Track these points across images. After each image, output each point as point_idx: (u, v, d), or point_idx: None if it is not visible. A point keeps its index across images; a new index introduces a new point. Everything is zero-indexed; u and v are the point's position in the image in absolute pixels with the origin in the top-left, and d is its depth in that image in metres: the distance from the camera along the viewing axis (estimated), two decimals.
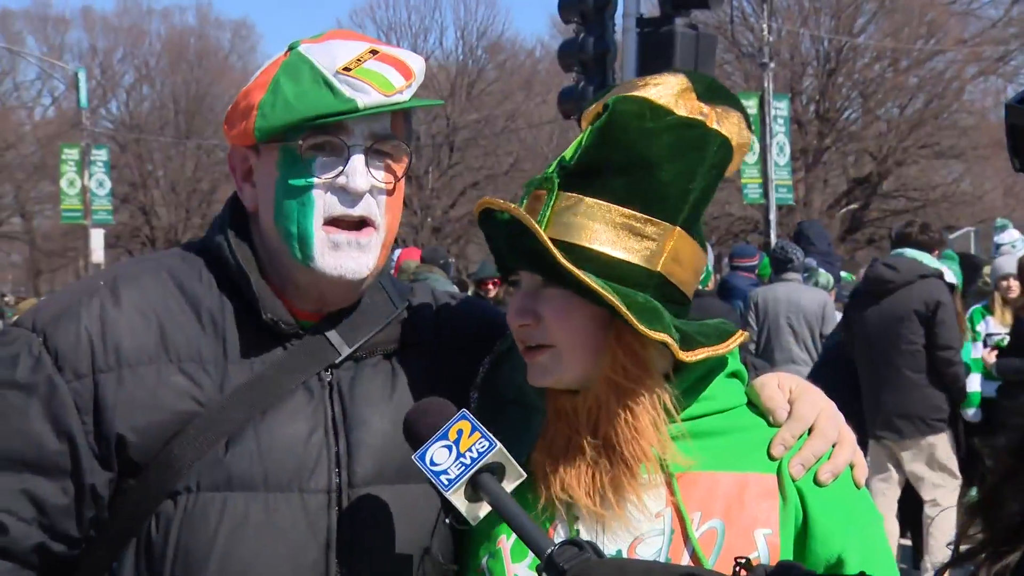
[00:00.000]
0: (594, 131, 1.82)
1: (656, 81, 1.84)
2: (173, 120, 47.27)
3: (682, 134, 1.79)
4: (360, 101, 1.84)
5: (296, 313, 1.97)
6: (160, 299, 1.93)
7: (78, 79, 37.91)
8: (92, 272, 36.34)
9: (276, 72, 1.91)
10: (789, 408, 1.89)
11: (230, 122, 1.97)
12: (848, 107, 39.67)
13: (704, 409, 1.86)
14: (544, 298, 1.80)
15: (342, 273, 1.89)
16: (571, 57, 13.37)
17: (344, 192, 1.89)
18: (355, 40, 1.95)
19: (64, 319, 1.88)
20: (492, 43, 46.42)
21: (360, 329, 1.99)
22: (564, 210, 1.79)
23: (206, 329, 1.92)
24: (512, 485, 1.72)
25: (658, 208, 1.78)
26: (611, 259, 1.77)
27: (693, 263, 1.84)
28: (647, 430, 1.79)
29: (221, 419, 1.87)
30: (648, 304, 1.76)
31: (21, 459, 1.84)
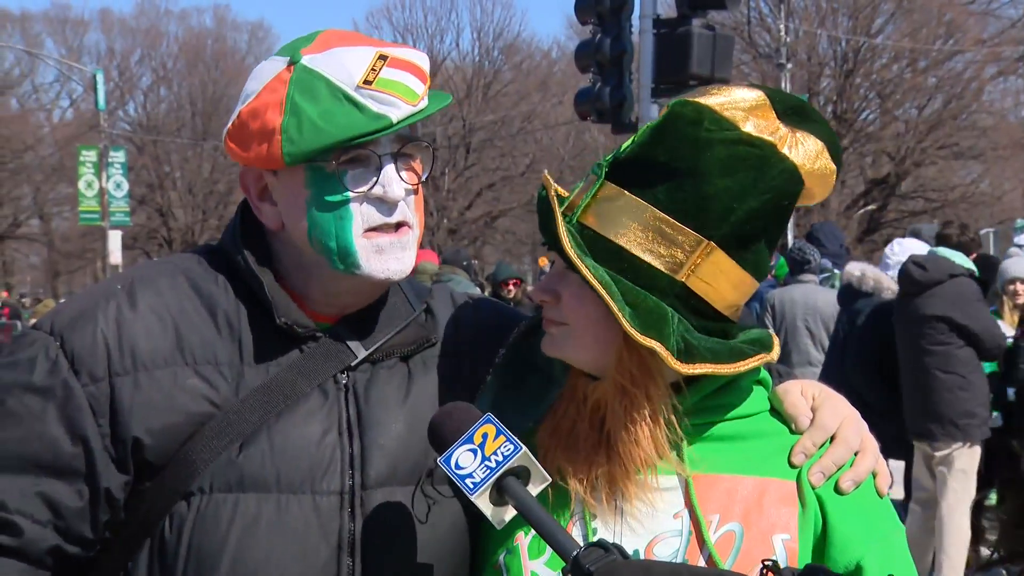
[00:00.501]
0: (649, 129, 1.82)
1: (730, 92, 1.82)
2: (190, 122, 47.53)
3: (738, 151, 1.77)
4: (393, 116, 1.84)
5: (313, 315, 1.96)
6: (176, 302, 1.93)
7: (96, 81, 38.12)
8: (110, 273, 36.63)
9: (288, 91, 1.87)
10: (811, 415, 1.88)
11: (240, 142, 1.92)
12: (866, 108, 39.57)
13: (726, 413, 1.86)
14: (567, 280, 1.82)
15: (389, 275, 1.90)
16: (588, 58, 13.36)
17: (381, 202, 1.89)
18: (356, 44, 1.92)
19: (81, 322, 1.89)
20: (508, 44, 46.50)
21: (377, 331, 1.99)
22: (605, 199, 1.79)
23: (222, 332, 1.92)
24: (538, 489, 1.71)
25: (694, 219, 1.76)
26: (635, 259, 1.77)
27: (732, 283, 1.81)
28: (644, 440, 1.79)
29: (236, 421, 1.87)
30: (657, 310, 1.75)
31: (37, 462, 1.84)
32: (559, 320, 1.83)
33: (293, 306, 1.94)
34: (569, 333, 1.82)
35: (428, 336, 2.04)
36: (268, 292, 1.92)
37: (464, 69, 45.86)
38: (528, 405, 1.89)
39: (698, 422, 1.84)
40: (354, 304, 1.99)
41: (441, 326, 2.08)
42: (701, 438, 1.84)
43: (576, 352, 1.83)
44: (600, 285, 1.72)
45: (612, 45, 12.98)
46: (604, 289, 1.72)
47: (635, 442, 1.79)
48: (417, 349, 2.02)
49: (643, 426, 1.79)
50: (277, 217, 1.95)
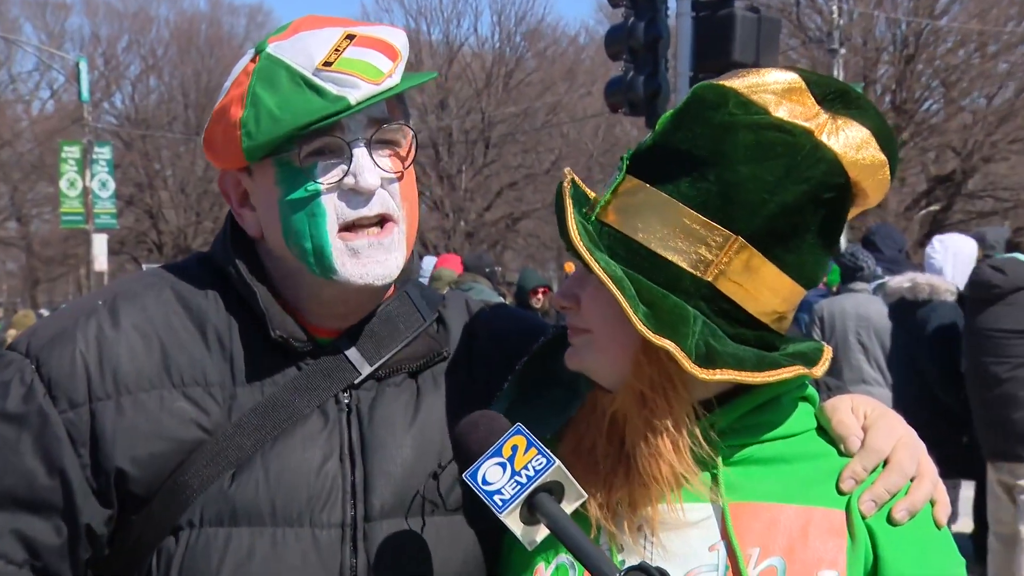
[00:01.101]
0: (670, 116, 1.83)
1: (760, 74, 1.82)
2: (182, 114, 47.70)
3: (766, 136, 1.77)
4: (351, 97, 1.84)
5: (312, 330, 1.97)
6: (162, 318, 1.94)
7: (79, 70, 38.35)
8: (94, 281, 36.82)
9: (250, 82, 1.89)
10: (862, 436, 1.87)
11: (211, 146, 1.97)
12: (928, 97, 39.36)
13: (766, 433, 1.85)
14: (587, 283, 1.83)
15: (369, 280, 1.90)
16: (619, 44, 13.37)
17: (354, 193, 1.89)
18: (327, 27, 1.93)
19: (58, 343, 1.90)
20: (532, 29, 46.52)
21: (383, 344, 2.00)
22: (626, 194, 1.81)
23: (212, 349, 1.93)
24: (572, 506, 1.71)
25: (720, 212, 1.77)
26: (656, 256, 1.78)
27: (768, 285, 1.80)
28: (667, 452, 1.79)
29: (228, 447, 1.88)
30: (677, 310, 1.76)
31: (11, 497, 1.86)
32: (581, 327, 1.85)
33: (289, 319, 1.95)
34: (592, 341, 1.84)
35: (439, 349, 2.04)
36: (262, 304, 1.93)
37: (483, 56, 45.91)
38: (546, 415, 1.90)
39: (735, 444, 1.83)
40: (352, 315, 1.99)
41: (454, 338, 2.09)
42: (738, 462, 1.83)
43: (601, 363, 1.84)
44: (609, 279, 1.73)
45: (646, 29, 12.99)
46: (615, 284, 1.73)
47: (655, 455, 1.79)
48: (427, 364, 2.03)
49: (664, 437, 1.79)
50: (257, 223, 1.97)
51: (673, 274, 1.77)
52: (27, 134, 49.08)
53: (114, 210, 38.36)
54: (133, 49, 50.11)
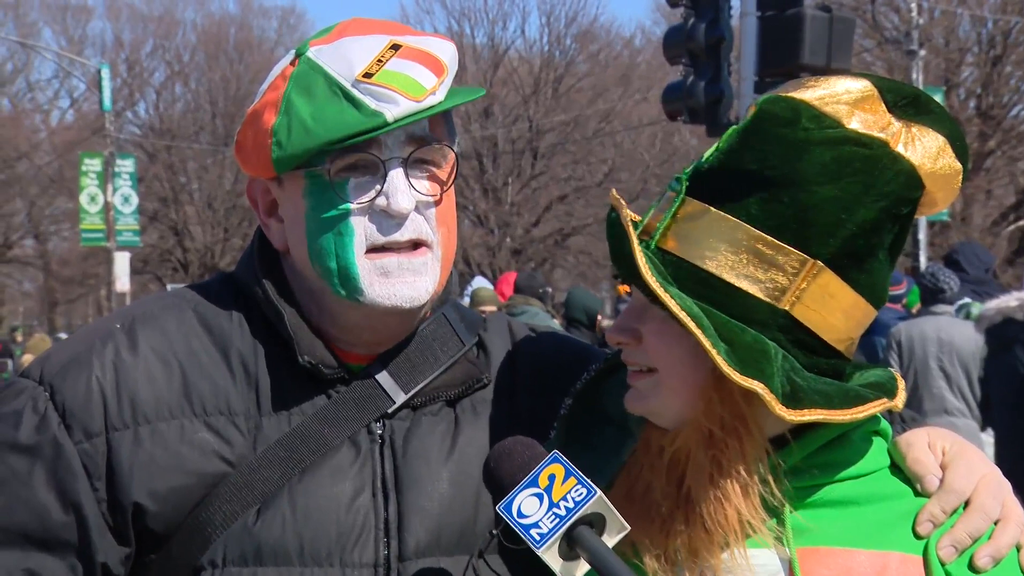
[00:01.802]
0: (735, 133, 1.82)
1: (830, 83, 1.81)
2: (210, 124, 48.14)
3: (844, 152, 1.76)
4: (388, 113, 1.85)
5: (342, 355, 1.98)
6: (183, 342, 1.96)
7: (101, 77, 38.84)
8: (115, 302, 37.18)
9: (286, 88, 1.91)
10: (941, 475, 1.85)
11: (242, 150, 1.99)
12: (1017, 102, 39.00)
13: (836, 473, 1.83)
14: (648, 316, 1.82)
15: (397, 303, 1.90)
16: (678, 47, 13.37)
17: (386, 216, 1.90)
18: (372, 33, 1.95)
19: (73, 369, 1.92)
20: (583, 31, 46.61)
21: (418, 370, 2.01)
22: (687, 219, 1.80)
23: (236, 376, 1.95)
24: (614, 539, 1.71)
25: (796, 235, 1.76)
26: (728, 286, 1.77)
27: (844, 310, 1.80)
28: (735, 496, 1.78)
29: (254, 481, 1.89)
30: (756, 345, 1.75)
31: (23, 533, 1.87)
32: (643, 364, 1.83)
33: (319, 343, 1.96)
34: (659, 382, 1.82)
35: (479, 375, 2.05)
36: (289, 327, 1.94)
37: (531, 60, 46.05)
38: (598, 461, 1.89)
39: (802, 485, 1.82)
40: (381, 342, 2.00)
41: (495, 364, 2.10)
42: (806, 504, 1.82)
43: (668, 405, 1.83)
44: (689, 318, 1.72)
45: (708, 31, 12.98)
46: (694, 322, 1.72)
47: (722, 500, 1.78)
48: (466, 391, 2.04)
49: (733, 481, 1.77)
50: (283, 236, 1.99)
51: (748, 305, 1.77)
52: (45, 146, 49.65)
53: (137, 226, 38.78)
54: (158, 55, 50.65)
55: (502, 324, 2.18)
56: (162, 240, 48.57)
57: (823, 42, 12.07)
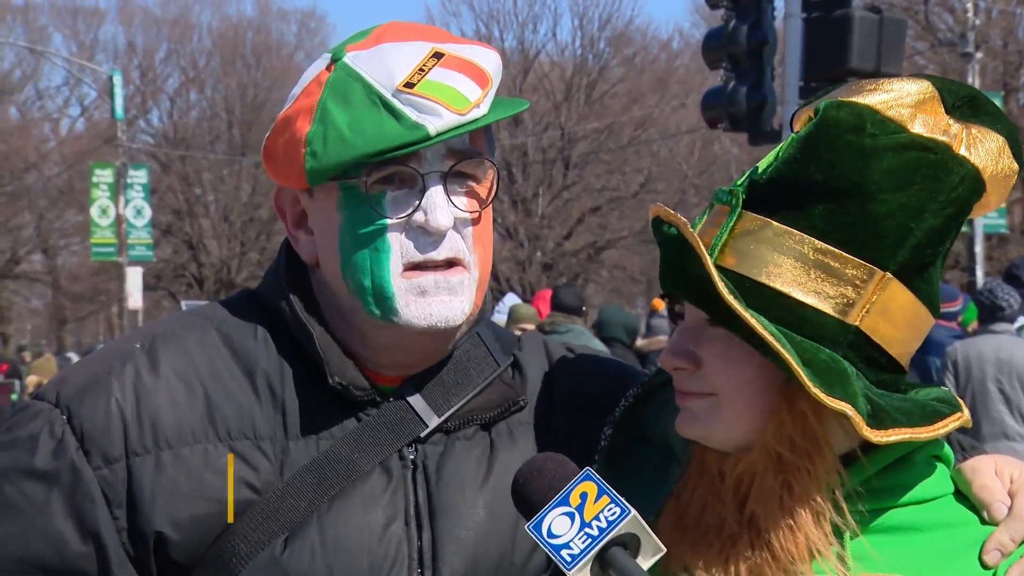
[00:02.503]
0: (796, 141, 1.83)
1: (890, 86, 1.82)
2: (226, 133, 48.41)
3: (910, 158, 1.78)
4: (431, 126, 1.85)
5: (372, 376, 1.99)
6: (207, 363, 1.96)
7: (112, 84, 39.13)
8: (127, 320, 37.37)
9: (322, 94, 1.92)
10: (1009, 502, 1.84)
11: (272, 157, 1.99)
12: None
13: (899, 499, 1.84)
14: (707, 339, 1.82)
15: (432, 323, 1.91)
16: (719, 50, 13.37)
17: (423, 232, 1.90)
18: (412, 40, 1.95)
19: (92, 391, 1.92)
20: (618, 33, 46.68)
21: (452, 393, 2.01)
22: (746, 234, 1.80)
23: (262, 398, 1.95)
24: (649, 562, 1.70)
25: (864, 247, 1.77)
26: (795, 304, 1.77)
27: (909, 322, 1.82)
28: (806, 522, 1.78)
29: (281, 509, 1.89)
30: (833, 365, 1.75)
31: (40, 564, 1.88)
32: (703, 390, 1.83)
33: (349, 363, 1.96)
34: (718, 404, 1.82)
35: (515, 397, 2.05)
36: (318, 346, 1.95)
37: (562, 65, 46.14)
38: (646, 490, 1.88)
39: (860, 509, 1.81)
40: (414, 363, 2.00)
41: (532, 385, 2.10)
42: (866, 529, 1.81)
43: (727, 428, 1.83)
44: (773, 338, 1.72)
45: (750, 33, 12.97)
46: (780, 343, 1.72)
47: (793, 526, 1.78)
48: (502, 414, 2.04)
49: (805, 508, 1.78)
50: (313, 249, 1.99)
51: (818, 322, 1.77)
52: (54, 156, 49.97)
53: (150, 240, 39.02)
54: (172, 60, 50.95)
55: (538, 343, 2.19)
56: (176, 255, 48.78)
57: (872, 45, 12.03)
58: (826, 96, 1.88)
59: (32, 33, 50.87)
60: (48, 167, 49.05)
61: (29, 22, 51.69)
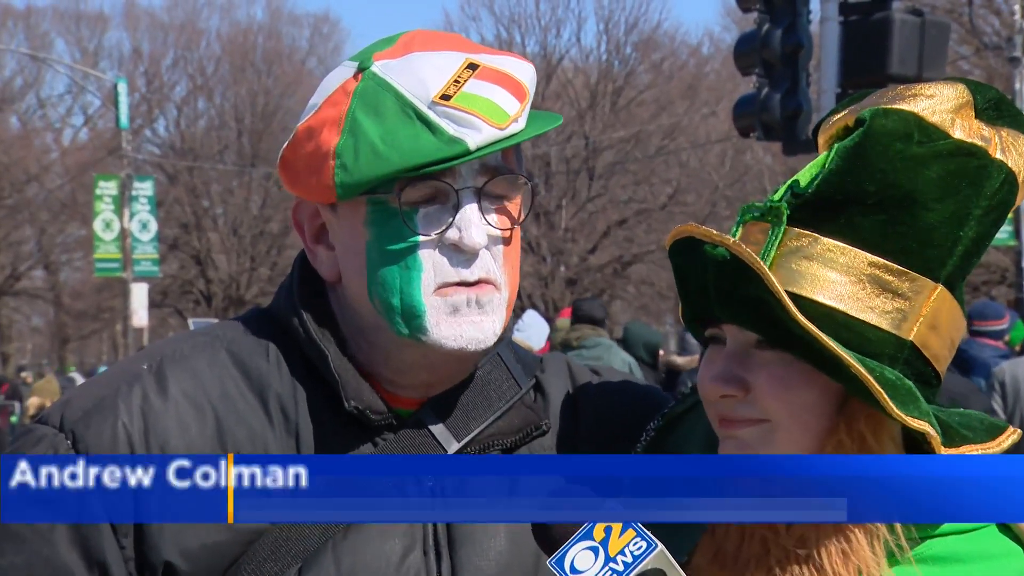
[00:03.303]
0: (843, 152, 1.83)
1: (928, 91, 1.85)
2: (235, 143, 48.46)
3: (956, 164, 1.80)
4: (471, 141, 1.86)
5: (389, 398, 1.99)
6: (217, 385, 1.97)
7: (117, 92, 39.22)
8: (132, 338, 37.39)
9: (350, 104, 1.92)
10: None
11: (291, 169, 1.98)
12: None
13: (940, 527, 1.83)
14: (756, 363, 1.82)
15: (463, 344, 1.91)
16: (751, 56, 13.35)
17: (456, 251, 1.91)
18: (444, 49, 1.96)
19: (98, 415, 1.93)
20: (645, 38, 46.68)
21: (472, 416, 2.02)
22: (793, 252, 1.82)
23: (274, 421, 1.96)
24: None
25: (917, 258, 1.80)
26: (852, 321, 1.79)
27: (951, 333, 1.85)
28: (861, 547, 1.79)
29: (294, 537, 1.90)
30: (900, 383, 1.77)
31: None
32: (754, 417, 1.83)
33: (365, 386, 1.97)
34: (771, 431, 1.83)
35: (537, 421, 2.06)
36: (333, 368, 1.95)
37: (587, 71, 46.16)
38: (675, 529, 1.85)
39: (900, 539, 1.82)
40: (436, 383, 2.01)
41: (555, 408, 2.10)
42: (906, 559, 1.81)
43: (781, 453, 1.83)
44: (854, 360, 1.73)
45: (784, 38, 12.95)
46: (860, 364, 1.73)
47: (848, 552, 1.79)
48: (523, 439, 2.04)
49: (860, 530, 1.79)
50: (334, 265, 1.99)
51: (877, 338, 1.79)
52: (57, 167, 50.04)
53: (156, 255, 39.07)
54: (179, 67, 51.04)
55: (561, 365, 2.19)
56: (183, 270, 48.80)
57: (914, 49, 12.00)
58: (856, 104, 1.90)
59: (34, 39, 51.06)
60: (50, 179, 49.12)
61: (31, 28, 51.87)
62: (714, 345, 1.88)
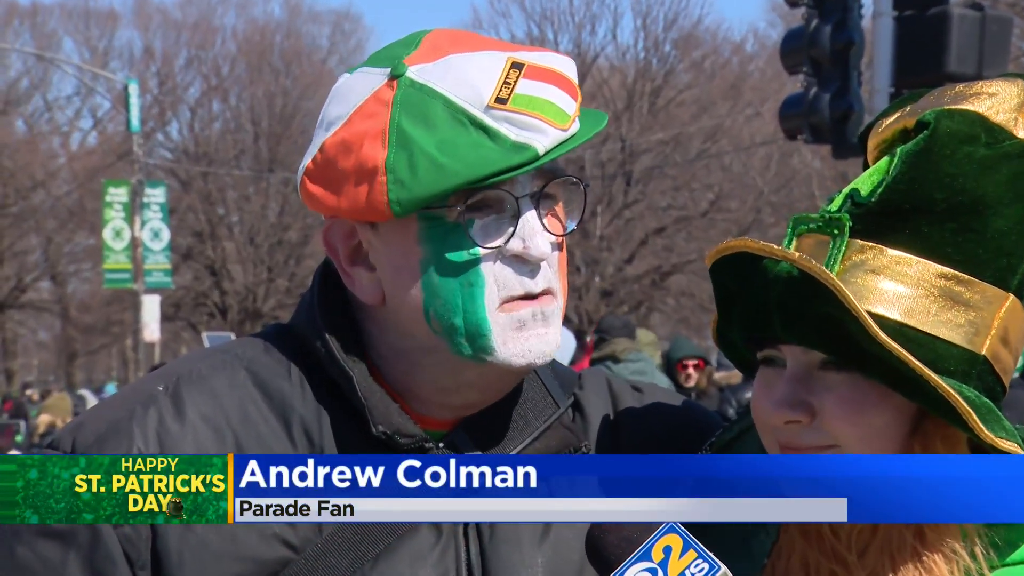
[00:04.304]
0: (908, 157, 1.83)
1: (990, 89, 1.85)
2: (252, 147, 48.72)
3: (1021, 164, 1.81)
4: (539, 145, 1.85)
5: (419, 420, 1.99)
6: (237, 407, 1.97)
7: (128, 93, 39.51)
8: (143, 353, 37.59)
9: (392, 115, 1.89)
10: None
11: (328, 185, 1.95)
12: None
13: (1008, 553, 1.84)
14: (822, 385, 1.82)
15: (532, 360, 1.91)
16: (799, 53, 13.33)
17: (519, 262, 1.90)
18: (479, 49, 1.94)
19: (112, 439, 1.93)
20: (685, 34, 46.73)
21: (508, 438, 2.01)
22: (857, 265, 1.82)
23: (298, 446, 1.95)
24: None
25: (988, 267, 1.80)
26: (921, 336, 1.79)
27: (1018, 344, 1.86)
28: (939, 569, 1.80)
29: (320, 569, 1.90)
30: (980, 401, 1.78)
31: None
32: (822, 443, 1.83)
33: (394, 408, 1.96)
34: None
35: (576, 443, 2.05)
36: (359, 391, 1.95)
37: (623, 70, 46.23)
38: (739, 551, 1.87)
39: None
40: (478, 403, 2.00)
41: (594, 429, 2.10)
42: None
43: None
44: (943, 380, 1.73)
45: (834, 34, 12.92)
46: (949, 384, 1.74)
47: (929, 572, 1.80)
48: None
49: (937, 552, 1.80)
50: (376, 287, 1.97)
51: (950, 354, 1.79)
52: (64, 173, 50.40)
53: (168, 266, 39.32)
54: (193, 67, 51.40)
55: (600, 382, 2.19)
56: (197, 281, 49.04)
57: (973, 46, 11.94)
58: (910, 104, 1.89)
59: (40, 39, 51.48)
60: (57, 185, 49.48)
61: (37, 26, 52.30)
62: (769, 368, 1.88)
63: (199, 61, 51.01)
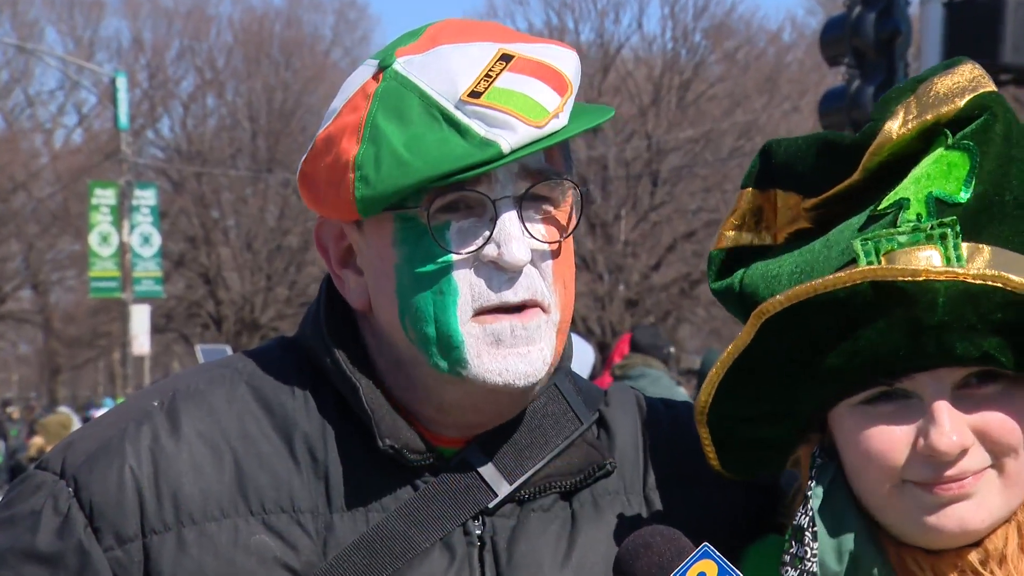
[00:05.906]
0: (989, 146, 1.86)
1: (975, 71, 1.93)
2: (249, 145, 48.71)
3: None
4: (504, 142, 1.85)
5: (430, 437, 2.00)
6: (236, 424, 1.98)
7: (116, 87, 39.52)
8: (132, 367, 37.59)
9: (370, 108, 1.91)
10: None
11: (311, 184, 1.98)
12: None
13: None
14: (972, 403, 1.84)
15: (510, 380, 1.91)
16: (840, 43, 13.33)
17: (496, 269, 1.90)
18: (474, 40, 1.95)
19: (102, 459, 1.94)
20: (717, 24, 46.67)
21: (526, 455, 2.02)
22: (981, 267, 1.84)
23: (301, 464, 1.96)
24: None
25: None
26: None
27: None
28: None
29: None
30: None
31: None
32: (984, 466, 1.85)
33: (402, 422, 1.97)
34: (1000, 471, 1.85)
35: (601, 461, 2.06)
36: (365, 403, 1.96)
37: (650, 61, 46.18)
38: None
39: None
40: (480, 423, 2.01)
41: (621, 447, 2.11)
42: None
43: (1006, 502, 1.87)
44: None
45: (879, 23, 12.92)
46: None
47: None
48: (584, 481, 2.04)
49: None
50: (364, 292, 1.99)
51: None
52: (47, 174, 50.36)
53: (159, 273, 39.32)
54: (186, 59, 51.37)
55: (628, 398, 2.19)
56: (190, 290, 49.03)
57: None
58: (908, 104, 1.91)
59: (22, 28, 51.46)
60: (39, 187, 49.43)
61: (18, 15, 52.23)
62: (889, 404, 1.86)
63: (192, 52, 51.00)
